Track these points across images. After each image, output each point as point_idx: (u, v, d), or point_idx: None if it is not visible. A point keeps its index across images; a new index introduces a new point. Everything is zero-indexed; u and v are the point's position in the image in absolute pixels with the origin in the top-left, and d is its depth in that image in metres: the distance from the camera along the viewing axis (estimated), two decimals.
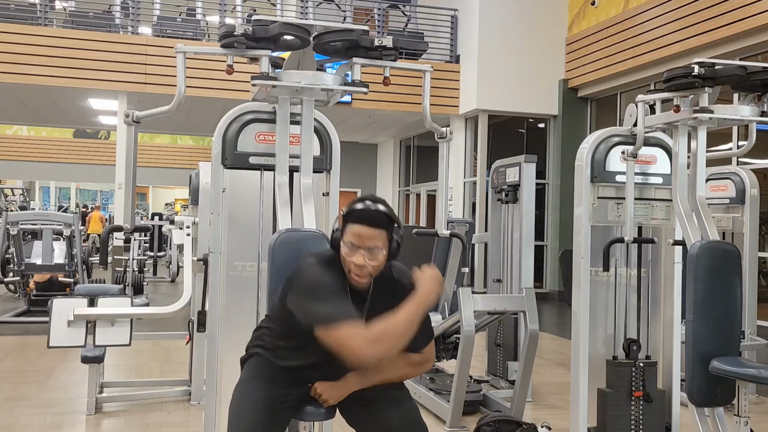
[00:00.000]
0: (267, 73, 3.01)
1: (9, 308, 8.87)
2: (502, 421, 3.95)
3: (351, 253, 2.17)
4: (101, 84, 11.36)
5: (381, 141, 17.36)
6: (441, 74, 12.08)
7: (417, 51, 11.67)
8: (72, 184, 32.19)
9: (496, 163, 5.19)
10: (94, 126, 19.57)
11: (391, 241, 2.21)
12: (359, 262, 2.16)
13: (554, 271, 12.08)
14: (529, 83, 12.02)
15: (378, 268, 2.20)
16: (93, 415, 4.47)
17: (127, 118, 3.46)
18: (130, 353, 5.92)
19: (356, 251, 2.16)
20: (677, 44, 9.45)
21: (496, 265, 5.20)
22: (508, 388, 5.07)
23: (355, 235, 2.16)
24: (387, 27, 14.14)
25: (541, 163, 12.10)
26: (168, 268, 13.86)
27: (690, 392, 3.01)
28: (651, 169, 3.58)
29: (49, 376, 5.48)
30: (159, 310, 4.64)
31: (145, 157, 22.51)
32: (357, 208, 2.20)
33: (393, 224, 2.21)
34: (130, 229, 3.64)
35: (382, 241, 2.17)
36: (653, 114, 3.49)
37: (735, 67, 3.23)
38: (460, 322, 4.23)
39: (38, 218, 9.25)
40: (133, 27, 12.53)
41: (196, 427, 4.23)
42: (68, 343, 4.22)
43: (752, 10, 8.28)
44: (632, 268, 3.64)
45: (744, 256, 4.99)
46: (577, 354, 3.45)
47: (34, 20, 11.59)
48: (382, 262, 2.20)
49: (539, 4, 12.12)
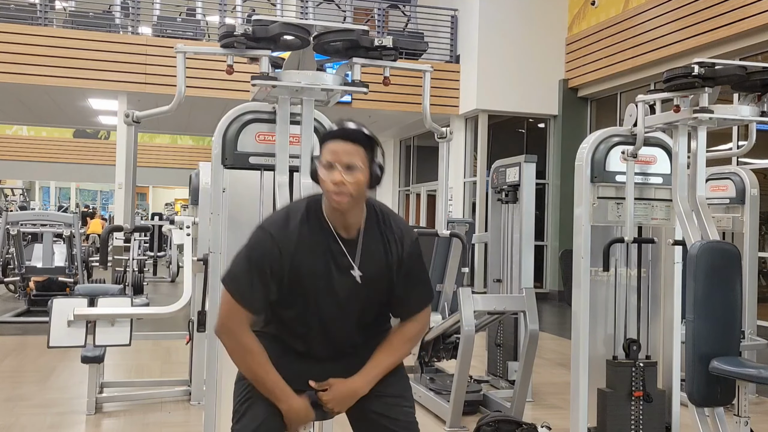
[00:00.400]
0: (267, 73, 3.01)
1: (9, 308, 8.87)
2: (502, 421, 3.95)
3: (328, 172, 2.01)
4: (101, 84, 11.36)
5: (381, 141, 17.33)
6: (441, 74, 12.08)
7: (417, 51, 11.67)
8: (72, 184, 32.19)
9: (496, 163, 5.19)
10: (94, 126, 19.58)
11: (372, 163, 2.06)
12: (336, 179, 1.99)
13: (554, 271, 12.08)
14: (529, 83, 12.02)
15: (359, 188, 2.02)
16: (93, 415, 4.47)
17: (127, 118, 3.46)
18: (130, 353, 5.92)
19: (333, 169, 2.00)
20: (677, 44, 9.45)
21: (496, 265, 5.20)
22: (508, 388, 5.07)
23: (331, 152, 2.01)
24: (387, 27, 14.14)
25: (541, 163, 12.10)
26: (168, 268, 13.86)
27: (690, 392, 3.01)
28: (651, 169, 3.58)
29: (49, 376, 5.48)
30: (159, 310, 4.64)
31: (145, 157, 22.51)
32: (333, 128, 2.06)
33: (372, 143, 2.07)
34: (130, 229, 3.64)
35: (360, 159, 2.01)
36: (653, 114, 3.49)
37: (735, 67, 3.24)
38: (460, 322, 4.23)
39: (38, 218, 9.26)
40: (133, 27, 12.53)
41: (196, 427, 4.23)
42: (68, 343, 4.22)
43: (752, 10, 8.28)
44: (632, 268, 3.64)
45: (744, 256, 4.99)
46: (577, 354, 3.45)
47: (34, 20, 11.59)
48: (361, 182, 2.02)
49: (539, 4, 12.12)
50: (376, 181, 2.08)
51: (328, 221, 2.09)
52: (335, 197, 2.01)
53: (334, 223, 2.08)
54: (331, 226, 2.09)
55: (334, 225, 2.08)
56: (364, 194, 2.07)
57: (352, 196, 2.01)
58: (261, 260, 2.04)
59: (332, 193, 2.01)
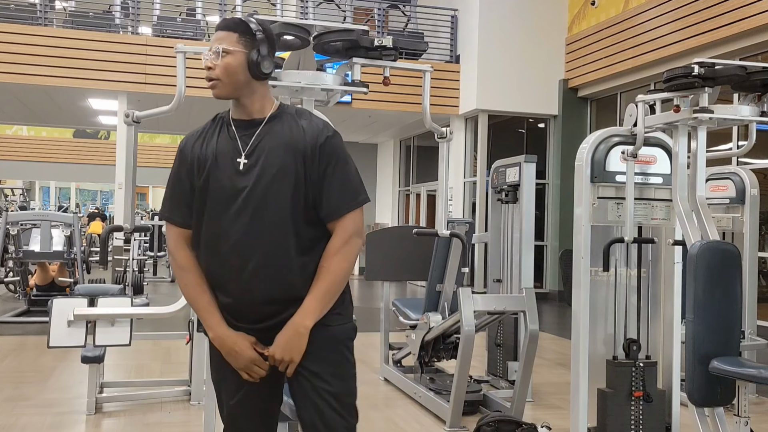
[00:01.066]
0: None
1: (9, 308, 8.87)
2: (502, 421, 3.95)
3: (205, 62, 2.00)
4: (101, 84, 11.36)
5: (381, 141, 17.36)
6: (441, 74, 12.08)
7: (417, 51, 11.65)
8: (72, 184, 32.21)
9: (496, 163, 5.19)
10: (94, 126, 19.57)
11: (251, 49, 1.97)
12: (204, 65, 1.98)
13: (554, 271, 12.08)
14: (529, 83, 12.02)
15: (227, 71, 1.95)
16: (93, 415, 4.47)
17: (127, 118, 3.47)
18: (130, 353, 5.92)
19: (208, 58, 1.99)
20: (677, 44, 9.45)
21: (496, 265, 5.20)
22: (508, 388, 5.07)
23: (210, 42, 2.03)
24: (387, 27, 14.14)
25: (541, 163, 12.10)
26: (168, 268, 13.86)
27: (690, 392, 3.01)
28: (651, 169, 3.58)
29: (49, 376, 5.48)
30: (159, 310, 4.64)
31: (145, 157, 22.50)
32: None
33: (246, 28, 1.99)
34: (130, 229, 3.64)
35: (229, 42, 1.96)
36: (653, 114, 3.49)
37: (735, 67, 3.24)
38: (460, 322, 4.23)
39: (38, 218, 9.24)
40: (133, 27, 12.53)
41: (196, 427, 4.23)
42: (68, 343, 4.22)
43: (752, 10, 8.28)
44: (632, 268, 3.64)
45: (744, 256, 4.99)
46: (577, 354, 3.45)
47: (34, 20, 11.59)
48: (231, 66, 1.95)
49: (539, 4, 12.12)
50: (254, 66, 1.97)
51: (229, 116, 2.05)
52: (208, 84, 2.00)
53: (233, 116, 2.04)
54: (230, 119, 2.04)
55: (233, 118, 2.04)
56: (242, 81, 1.98)
57: (221, 81, 1.97)
58: (175, 169, 2.05)
59: (207, 81, 2.00)
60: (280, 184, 1.93)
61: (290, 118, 2.02)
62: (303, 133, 1.97)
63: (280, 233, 1.94)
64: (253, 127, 1.99)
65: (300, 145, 1.96)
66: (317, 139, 1.97)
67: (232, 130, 2.00)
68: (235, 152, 1.97)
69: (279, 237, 1.94)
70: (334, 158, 1.98)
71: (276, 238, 1.94)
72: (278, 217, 1.94)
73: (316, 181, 1.96)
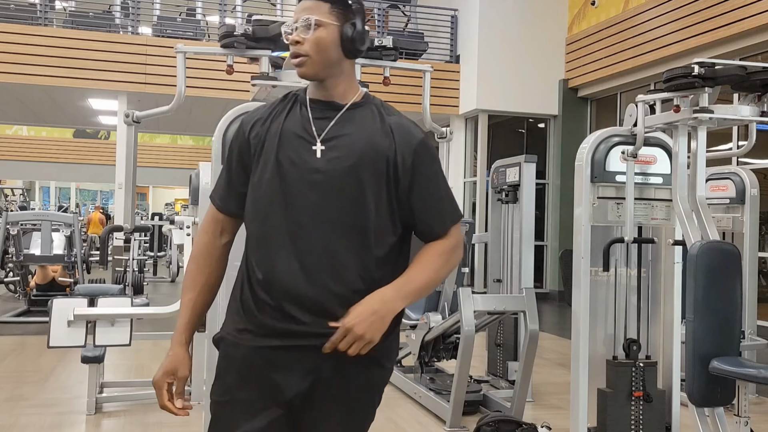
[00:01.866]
0: (267, 73, 3.01)
1: (9, 308, 8.87)
2: (502, 421, 3.95)
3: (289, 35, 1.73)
4: (101, 84, 11.36)
5: None
6: (441, 74, 12.08)
7: (417, 51, 11.68)
8: (72, 184, 32.21)
9: (496, 163, 5.19)
10: (94, 126, 19.58)
11: (343, 23, 1.70)
12: (290, 39, 1.70)
13: (554, 271, 12.08)
14: (529, 83, 12.01)
15: (319, 47, 1.68)
16: (93, 415, 4.47)
17: (127, 118, 3.47)
18: (130, 353, 5.92)
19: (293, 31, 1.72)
20: (677, 44, 9.45)
21: (496, 265, 5.20)
22: (508, 388, 5.07)
23: (294, 13, 1.73)
24: (387, 27, 14.14)
25: (541, 163, 12.10)
26: (168, 268, 13.86)
27: (690, 392, 3.01)
28: (651, 169, 3.58)
29: (49, 376, 5.48)
30: (159, 310, 4.64)
31: (145, 157, 22.50)
32: None
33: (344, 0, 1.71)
34: (130, 229, 3.65)
35: (321, 13, 1.68)
36: (653, 114, 3.49)
37: (735, 67, 3.24)
38: (460, 322, 4.23)
39: (38, 218, 9.24)
40: (133, 27, 12.53)
41: (196, 427, 4.22)
42: (68, 343, 4.22)
43: (752, 10, 8.28)
44: (632, 268, 3.64)
45: (744, 256, 4.99)
46: (577, 354, 3.45)
47: (34, 20, 11.59)
48: (323, 40, 1.68)
49: (539, 4, 12.12)
50: (348, 42, 1.70)
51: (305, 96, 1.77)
52: (293, 61, 1.71)
53: (311, 96, 1.76)
54: (306, 99, 1.76)
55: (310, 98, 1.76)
56: (334, 59, 1.71)
57: (311, 58, 1.69)
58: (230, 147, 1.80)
59: (292, 58, 1.71)
60: (356, 179, 1.67)
61: (375, 110, 1.77)
62: (391, 131, 1.72)
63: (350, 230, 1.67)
64: (331, 111, 1.73)
65: (385, 144, 1.70)
66: (410, 141, 1.73)
67: (305, 111, 1.73)
68: (308, 136, 1.70)
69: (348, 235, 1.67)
70: (431, 165, 1.76)
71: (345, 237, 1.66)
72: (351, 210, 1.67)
73: (406, 189, 1.71)
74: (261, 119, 1.75)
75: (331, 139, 1.69)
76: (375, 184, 1.68)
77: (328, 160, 1.67)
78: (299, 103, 1.76)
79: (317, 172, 1.66)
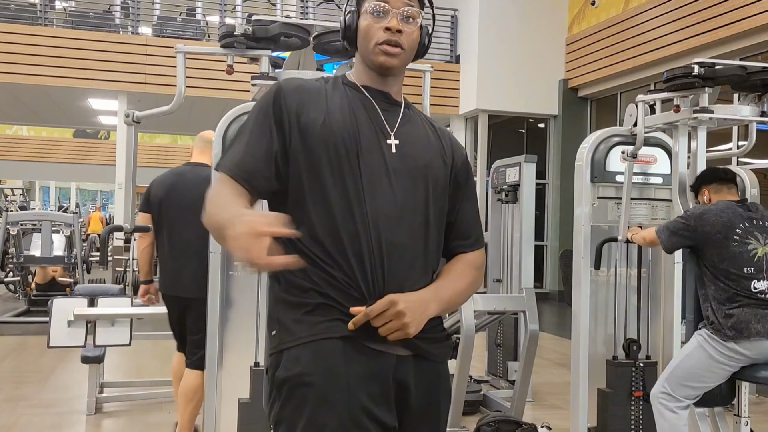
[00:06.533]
0: (267, 73, 3.01)
1: (9, 308, 8.87)
2: (502, 421, 3.95)
3: (379, 19, 1.55)
4: (101, 84, 11.36)
5: None
6: (441, 74, 12.08)
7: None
8: (72, 184, 32.22)
9: (496, 163, 5.19)
10: (94, 126, 19.59)
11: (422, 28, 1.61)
12: (393, 25, 1.53)
13: (554, 271, 12.08)
14: (529, 83, 12.01)
15: (412, 47, 1.58)
16: (93, 415, 4.47)
17: (127, 118, 3.47)
18: (130, 353, 5.92)
19: (387, 15, 1.55)
20: (677, 44, 9.45)
21: (496, 265, 5.20)
22: (508, 388, 5.07)
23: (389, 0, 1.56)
24: None
25: (541, 163, 12.10)
26: None
27: None
28: (651, 169, 3.59)
29: (49, 376, 5.48)
30: (159, 310, 4.64)
31: (145, 157, 22.49)
32: None
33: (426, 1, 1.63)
34: (130, 229, 3.64)
35: (418, 12, 1.59)
36: (653, 114, 3.49)
37: (735, 67, 3.24)
38: (460, 322, 4.23)
39: (38, 218, 9.25)
40: (133, 27, 12.53)
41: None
42: (68, 343, 4.23)
43: (752, 10, 8.28)
44: (632, 268, 3.64)
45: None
46: (577, 354, 3.46)
47: (34, 20, 11.59)
48: (416, 40, 1.59)
49: (539, 4, 12.12)
50: (423, 45, 1.63)
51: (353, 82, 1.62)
52: (387, 48, 1.54)
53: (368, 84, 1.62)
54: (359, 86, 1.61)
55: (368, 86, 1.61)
56: (411, 58, 1.62)
57: (405, 52, 1.57)
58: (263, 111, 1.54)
59: (383, 44, 1.54)
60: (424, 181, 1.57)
61: (422, 115, 1.68)
62: (441, 141, 1.64)
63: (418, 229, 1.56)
64: (391, 106, 1.61)
65: (442, 152, 1.63)
66: (461, 153, 1.67)
67: (369, 100, 1.58)
68: (378, 127, 1.57)
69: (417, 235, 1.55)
70: (472, 182, 1.69)
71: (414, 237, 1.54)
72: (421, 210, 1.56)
73: (453, 200, 1.64)
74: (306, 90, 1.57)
75: (402, 135, 1.58)
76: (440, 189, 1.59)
77: (401, 157, 1.55)
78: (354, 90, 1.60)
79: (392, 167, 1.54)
